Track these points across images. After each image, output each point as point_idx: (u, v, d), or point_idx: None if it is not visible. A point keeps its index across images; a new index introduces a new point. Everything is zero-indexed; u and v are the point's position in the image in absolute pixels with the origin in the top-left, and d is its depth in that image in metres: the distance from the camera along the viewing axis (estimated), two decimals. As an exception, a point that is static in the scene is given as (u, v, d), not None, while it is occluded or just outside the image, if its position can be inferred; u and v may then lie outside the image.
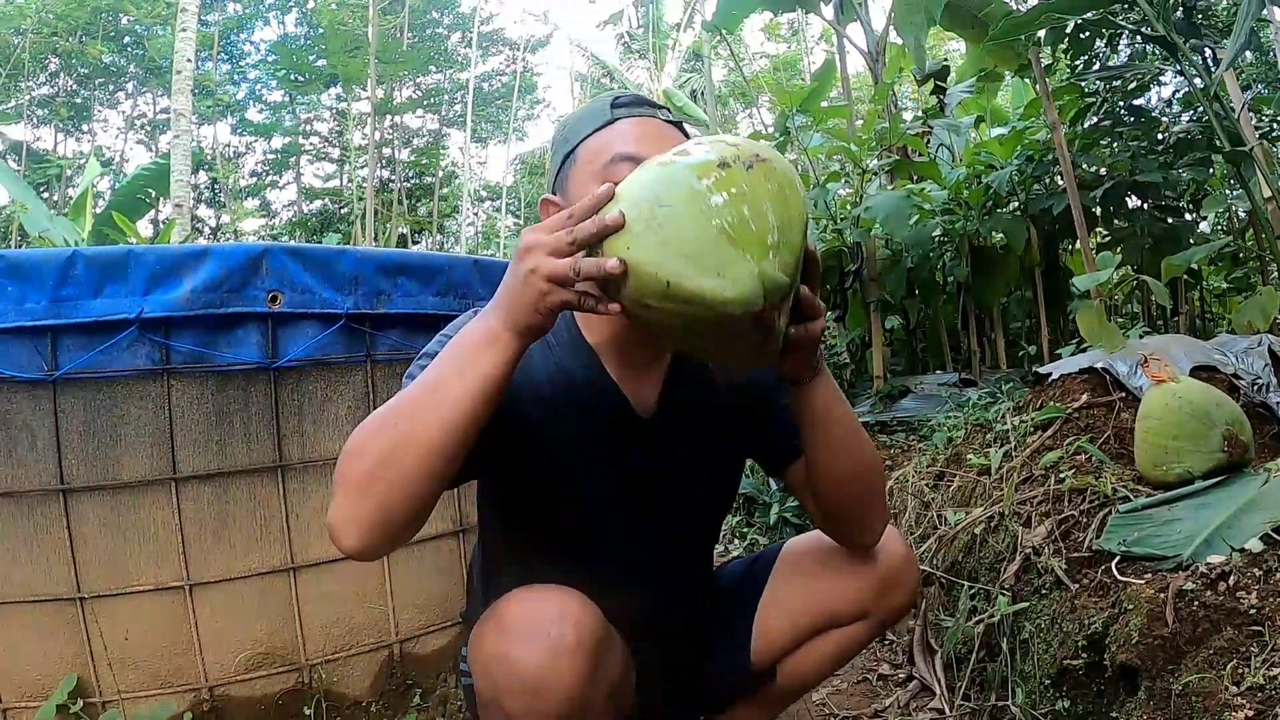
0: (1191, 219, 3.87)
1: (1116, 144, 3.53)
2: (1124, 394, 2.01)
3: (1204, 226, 4.55)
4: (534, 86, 22.86)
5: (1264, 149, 3.10)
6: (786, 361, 0.93)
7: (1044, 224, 3.68)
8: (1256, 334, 2.20)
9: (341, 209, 18.65)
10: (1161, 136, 3.45)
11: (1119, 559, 1.47)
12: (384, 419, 0.86)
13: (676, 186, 0.79)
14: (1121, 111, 3.47)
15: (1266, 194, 2.87)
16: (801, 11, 5.82)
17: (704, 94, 13.85)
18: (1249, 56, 4.05)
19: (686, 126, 1.10)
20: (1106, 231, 3.71)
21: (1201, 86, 2.58)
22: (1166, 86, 4.20)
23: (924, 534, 2.19)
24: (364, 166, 17.18)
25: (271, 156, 19.84)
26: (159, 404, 1.64)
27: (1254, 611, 1.20)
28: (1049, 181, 3.66)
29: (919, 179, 4.26)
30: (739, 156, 0.80)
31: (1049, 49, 3.28)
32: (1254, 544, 1.33)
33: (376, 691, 1.80)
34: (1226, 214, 4.42)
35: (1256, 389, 1.95)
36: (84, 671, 1.59)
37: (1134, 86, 3.40)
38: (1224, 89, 2.87)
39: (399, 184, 18.91)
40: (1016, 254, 3.75)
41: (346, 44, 15.88)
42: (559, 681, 0.86)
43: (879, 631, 1.24)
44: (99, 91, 17.97)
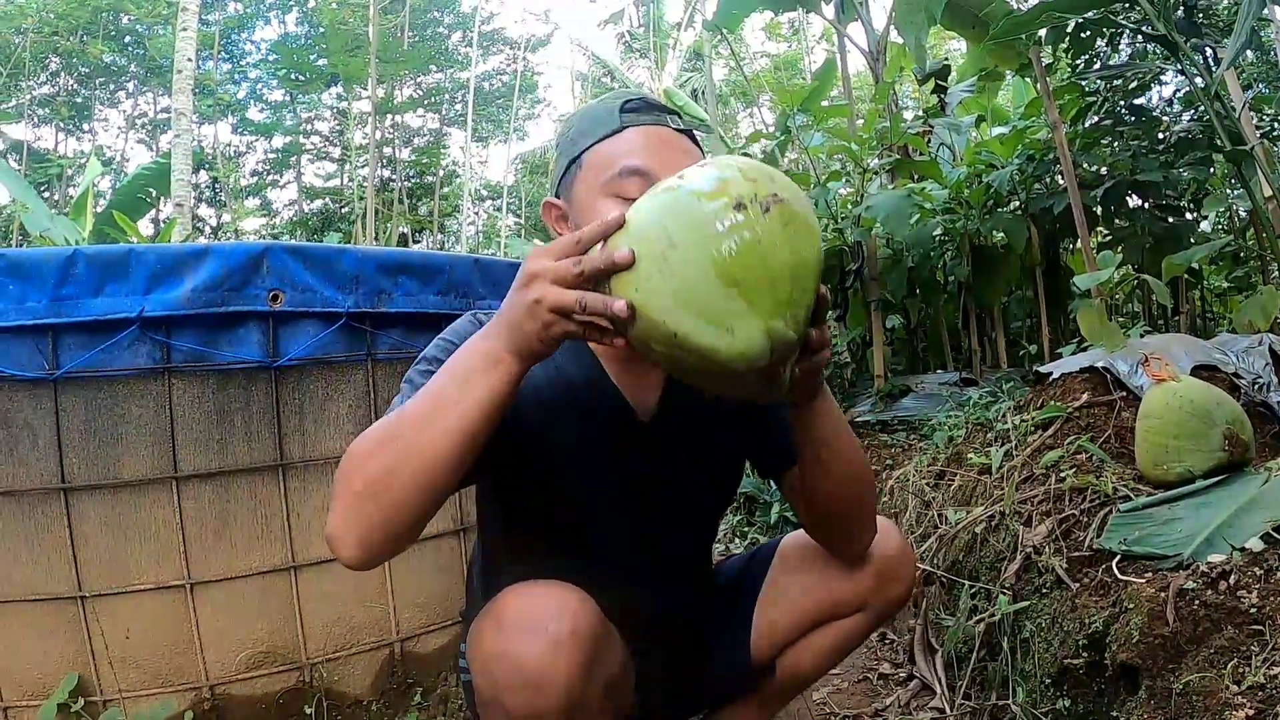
0: (1192, 218, 3.86)
1: (1117, 143, 3.52)
2: (1125, 393, 2.01)
3: (1205, 226, 4.53)
4: (535, 86, 22.88)
5: (1265, 148, 3.10)
6: (790, 391, 0.94)
7: (1045, 223, 3.67)
8: (1257, 333, 2.20)
9: (342, 208, 18.68)
10: (1162, 136, 3.44)
11: (1120, 558, 1.46)
12: (385, 433, 0.86)
13: (689, 228, 0.76)
14: (1122, 111, 3.46)
15: (1267, 193, 2.87)
16: (802, 11, 5.82)
17: (705, 93, 13.83)
18: (1250, 56, 4.06)
19: (697, 134, 1.09)
20: (1107, 231, 3.69)
21: (1202, 86, 2.58)
22: (1167, 86, 4.21)
23: (925, 533, 2.19)
24: (365, 166, 17.20)
25: (272, 156, 19.88)
26: (160, 403, 1.64)
27: (1255, 610, 1.19)
28: (1050, 181, 3.65)
29: (920, 178, 4.25)
30: (756, 196, 0.77)
31: (1050, 48, 3.27)
32: (1255, 543, 1.33)
33: (377, 690, 1.80)
34: (1227, 213, 4.41)
35: (1257, 388, 1.95)
36: (85, 670, 1.60)
37: (1135, 86, 3.39)
38: (1225, 88, 2.87)
39: (400, 183, 18.91)
40: (1017, 253, 3.73)
41: (347, 43, 15.90)
42: (557, 675, 0.86)
43: (877, 624, 1.25)
44: (100, 91, 18.01)
